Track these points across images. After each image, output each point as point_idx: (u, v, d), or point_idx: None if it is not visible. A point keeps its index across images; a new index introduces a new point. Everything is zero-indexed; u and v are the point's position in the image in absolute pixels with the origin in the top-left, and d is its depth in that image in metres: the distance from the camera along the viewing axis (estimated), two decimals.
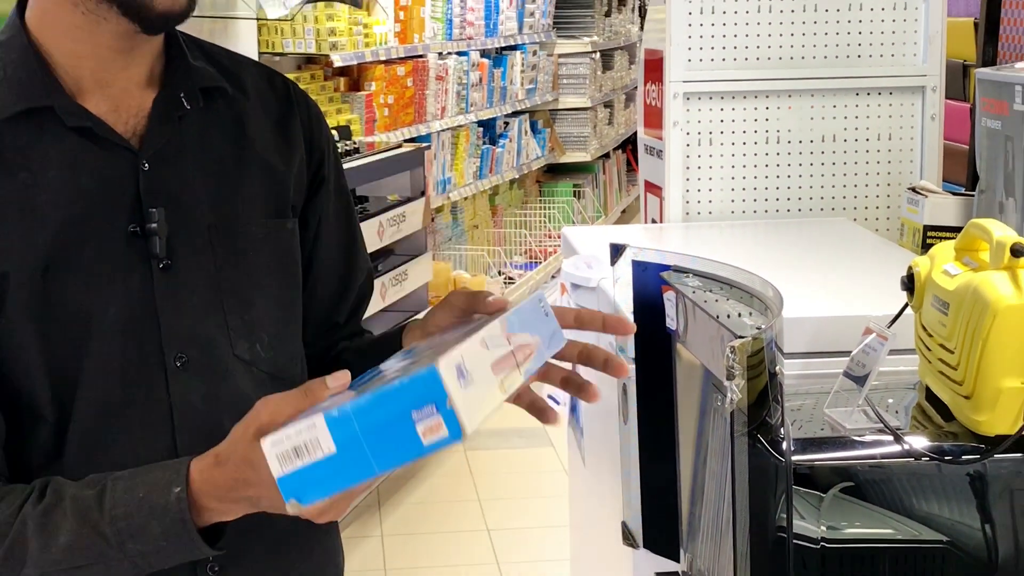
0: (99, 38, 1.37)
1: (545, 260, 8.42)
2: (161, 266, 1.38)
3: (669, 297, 1.79)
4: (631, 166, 11.13)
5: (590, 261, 2.67)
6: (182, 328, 1.38)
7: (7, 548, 1.27)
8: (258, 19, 4.61)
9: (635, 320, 1.97)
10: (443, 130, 6.71)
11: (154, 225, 1.36)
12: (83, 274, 1.35)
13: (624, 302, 2.31)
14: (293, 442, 1.11)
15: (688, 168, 3.01)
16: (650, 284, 1.85)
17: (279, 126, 1.50)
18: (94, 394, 1.35)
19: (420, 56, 6.39)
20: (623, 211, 10.68)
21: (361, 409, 1.10)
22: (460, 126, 7.03)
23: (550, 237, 8.81)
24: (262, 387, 1.40)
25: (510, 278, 7.76)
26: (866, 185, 3.06)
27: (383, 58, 5.86)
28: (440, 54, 6.69)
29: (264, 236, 1.44)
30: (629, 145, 11.02)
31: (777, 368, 1.55)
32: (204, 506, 1.24)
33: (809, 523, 1.58)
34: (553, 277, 8.51)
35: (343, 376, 1.19)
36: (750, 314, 1.63)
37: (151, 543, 1.25)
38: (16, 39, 1.38)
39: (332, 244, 1.57)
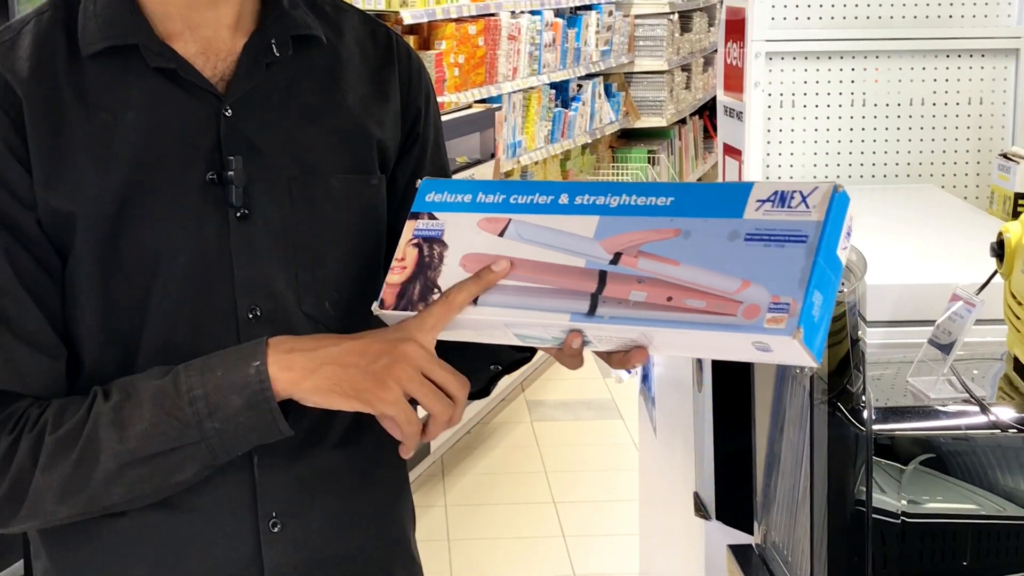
0: None
1: None
2: (238, 216, 1.40)
3: None
4: (708, 132, 11.06)
5: None
6: (256, 280, 1.40)
7: (80, 449, 1.32)
8: None
9: None
10: (514, 91, 6.71)
11: (231, 173, 1.38)
12: (156, 220, 1.37)
13: None
14: None
15: (769, 131, 2.99)
16: None
17: (375, 78, 1.51)
18: (157, 344, 1.38)
19: (492, 14, 6.39)
20: (699, 179, 10.63)
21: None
22: (532, 88, 7.02)
23: None
24: None
25: None
26: (955, 151, 3.03)
27: (454, 16, 5.87)
28: (513, 12, 6.68)
29: (346, 191, 1.44)
30: (707, 111, 10.96)
31: (859, 334, 1.55)
32: (277, 377, 1.32)
33: (889, 496, 1.58)
34: None
35: (505, 262, 1.29)
36: None
37: (230, 420, 1.32)
38: None
39: None
